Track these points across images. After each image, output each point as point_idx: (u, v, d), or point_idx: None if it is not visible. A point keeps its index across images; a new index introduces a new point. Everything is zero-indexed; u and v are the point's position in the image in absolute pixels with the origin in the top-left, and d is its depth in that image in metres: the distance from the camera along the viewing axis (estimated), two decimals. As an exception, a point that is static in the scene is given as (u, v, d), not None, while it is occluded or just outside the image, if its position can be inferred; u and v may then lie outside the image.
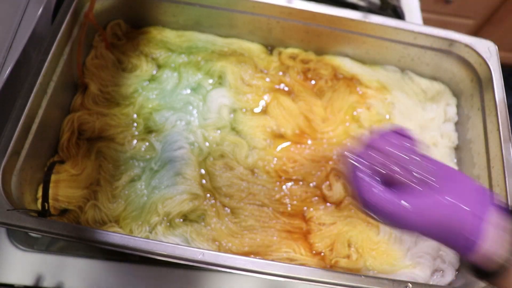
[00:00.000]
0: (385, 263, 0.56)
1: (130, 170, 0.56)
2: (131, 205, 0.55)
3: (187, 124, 0.60)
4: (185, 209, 0.54)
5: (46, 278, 0.52)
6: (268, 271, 0.45)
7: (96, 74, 0.61)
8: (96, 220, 0.54)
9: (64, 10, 0.55)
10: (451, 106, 0.68)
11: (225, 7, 0.63)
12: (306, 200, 0.58)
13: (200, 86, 0.64)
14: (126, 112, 0.60)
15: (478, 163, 0.61)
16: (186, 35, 0.67)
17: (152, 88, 0.62)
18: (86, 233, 0.44)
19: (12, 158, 0.48)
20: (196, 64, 0.65)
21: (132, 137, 0.59)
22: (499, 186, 0.56)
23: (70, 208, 0.53)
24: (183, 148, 0.58)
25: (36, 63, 0.51)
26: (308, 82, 0.67)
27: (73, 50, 0.57)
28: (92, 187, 0.55)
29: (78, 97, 0.59)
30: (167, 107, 0.61)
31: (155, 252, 0.44)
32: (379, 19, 0.62)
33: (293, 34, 0.66)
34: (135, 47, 0.65)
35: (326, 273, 0.45)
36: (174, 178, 0.56)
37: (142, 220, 0.54)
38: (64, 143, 0.56)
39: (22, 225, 0.44)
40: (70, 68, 0.57)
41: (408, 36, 0.63)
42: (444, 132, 0.67)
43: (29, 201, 0.51)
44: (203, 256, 0.44)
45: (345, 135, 0.64)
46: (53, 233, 0.44)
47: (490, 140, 0.59)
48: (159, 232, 0.53)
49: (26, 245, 0.54)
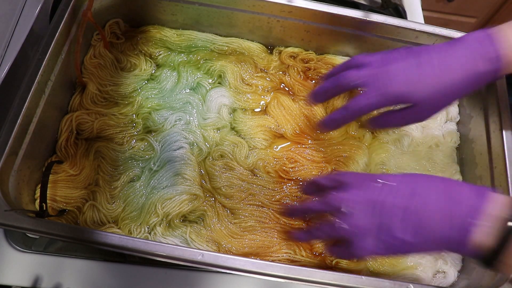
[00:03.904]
0: (386, 264, 0.56)
1: (129, 170, 0.56)
2: (130, 206, 0.54)
3: (186, 124, 0.60)
4: (184, 210, 0.54)
5: (44, 279, 0.52)
6: (268, 272, 0.44)
7: (94, 73, 0.60)
8: (94, 221, 0.53)
9: (62, 9, 0.55)
10: (453, 105, 0.68)
11: (224, 6, 0.63)
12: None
13: (199, 86, 0.63)
14: (125, 111, 0.59)
15: (480, 163, 0.61)
16: (185, 34, 0.66)
17: (151, 87, 0.62)
18: (85, 234, 0.44)
19: (9, 158, 0.47)
20: (196, 63, 0.65)
21: (131, 137, 0.58)
22: (501, 186, 0.56)
23: (68, 209, 0.53)
24: (182, 148, 0.58)
25: (34, 62, 0.50)
26: (309, 82, 0.66)
27: (71, 49, 0.56)
28: (91, 187, 0.55)
29: (76, 97, 0.59)
30: (166, 106, 0.61)
31: (154, 253, 0.44)
32: (381, 18, 0.62)
33: (294, 33, 0.66)
34: (134, 46, 0.64)
35: (326, 274, 0.45)
36: (174, 178, 0.55)
37: (141, 220, 0.53)
38: (62, 143, 0.55)
39: (20, 226, 0.44)
40: (68, 67, 0.57)
41: (410, 35, 0.63)
42: (446, 132, 0.66)
43: (27, 201, 0.51)
44: (202, 257, 0.44)
45: (346, 134, 0.63)
46: (51, 234, 0.44)
47: (492, 140, 0.59)
48: (158, 233, 0.53)
49: (24, 246, 0.53)
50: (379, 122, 0.53)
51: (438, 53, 0.48)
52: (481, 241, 0.38)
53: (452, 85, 0.46)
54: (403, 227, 0.40)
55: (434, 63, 0.47)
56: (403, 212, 0.41)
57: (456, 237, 0.39)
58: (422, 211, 0.40)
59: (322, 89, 0.53)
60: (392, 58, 0.49)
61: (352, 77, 0.49)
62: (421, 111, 0.49)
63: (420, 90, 0.47)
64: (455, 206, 0.39)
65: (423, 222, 0.40)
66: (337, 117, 0.52)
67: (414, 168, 0.63)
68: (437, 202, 0.40)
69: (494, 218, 0.38)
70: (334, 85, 0.51)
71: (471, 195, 0.40)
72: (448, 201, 0.40)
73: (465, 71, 0.46)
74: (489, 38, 0.46)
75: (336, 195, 0.45)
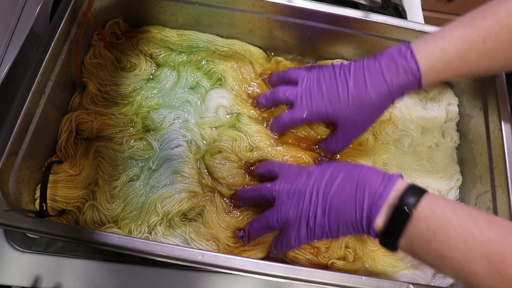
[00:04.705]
0: (385, 265, 0.56)
1: (129, 170, 0.56)
2: (130, 205, 0.54)
3: (184, 122, 0.60)
4: (184, 208, 0.54)
5: (44, 279, 0.52)
6: (268, 272, 0.44)
7: (94, 73, 0.60)
8: (94, 221, 0.53)
9: (62, 8, 0.55)
10: (453, 105, 0.68)
11: (224, 6, 0.63)
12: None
13: (199, 85, 0.63)
14: (124, 111, 0.59)
15: (480, 164, 0.61)
16: (186, 34, 0.66)
17: (150, 87, 0.62)
18: (85, 234, 0.44)
19: (9, 158, 0.47)
20: (196, 63, 0.64)
21: (130, 136, 0.58)
22: (501, 186, 0.56)
23: (68, 209, 0.53)
24: (180, 146, 0.58)
25: (34, 62, 0.50)
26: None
27: (71, 49, 0.56)
28: (91, 187, 0.55)
29: (76, 97, 0.59)
30: (165, 105, 0.61)
31: (154, 253, 0.44)
32: (380, 18, 0.62)
33: (294, 33, 0.66)
34: (134, 46, 0.64)
35: (326, 274, 0.45)
36: (172, 176, 0.55)
37: (141, 220, 0.53)
38: (62, 143, 0.55)
39: (20, 226, 0.43)
40: (68, 67, 0.57)
41: (410, 35, 0.63)
42: (446, 132, 0.66)
43: (27, 201, 0.51)
44: (202, 257, 0.44)
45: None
46: (51, 234, 0.44)
47: (492, 140, 0.59)
48: (159, 233, 0.53)
49: (24, 246, 0.53)
50: (324, 148, 0.60)
51: (358, 70, 0.52)
52: (379, 226, 0.42)
53: (368, 102, 0.51)
54: (323, 212, 0.45)
55: (350, 83, 0.52)
56: (322, 198, 0.45)
57: (364, 222, 0.43)
58: (337, 197, 0.44)
59: (264, 98, 0.61)
60: (321, 78, 0.55)
61: (285, 92, 0.57)
62: (347, 129, 0.55)
63: (340, 109, 0.53)
64: (362, 193, 0.43)
65: (338, 208, 0.44)
66: (273, 125, 0.60)
67: (414, 168, 0.63)
68: (349, 190, 0.44)
69: (387, 204, 0.41)
70: (272, 98, 0.59)
71: (376, 182, 0.43)
72: (357, 188, 0.43)
73: (378, 86, 0.51)
74: (407, 50, 0.50)
75: (266, 185, 0.51)
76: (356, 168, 0.46)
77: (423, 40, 0.50)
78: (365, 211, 0.42)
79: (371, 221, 0.42)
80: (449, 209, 0.39)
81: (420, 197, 0.40)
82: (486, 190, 0.58)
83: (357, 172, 0.45)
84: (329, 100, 0.53)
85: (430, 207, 0.39)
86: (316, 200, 0.45)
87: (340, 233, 0.45)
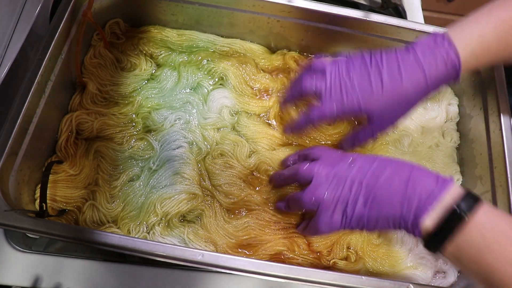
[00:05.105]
0: (386, 265, 0.56)
1: (129, 170, 0.56)
2: (129, 205, 0.54)
3: (186, 123, 0.60)
4: (183, 209, 0.54)
5: (44, 279, 0.52)
6: (268, 272, 0.44)
7: (94, 73, 0.60)
8: (94, 221, 0.53)
9: (62, 8, 0.55)
10: (453, 105, 0.68)
11: (225, 6, 0.63)
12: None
13: (199, 86, 0.63)
14: (124, 111, 0.59)
15: (480, 164, 0.61)
16: (186, 34, 0.66)
17: (151, 87, 0.62)
18: (84, 234, 0.44)
19: (9, 158, 0.47)
20: (197, 63, 0.64)
21: (130, 136, 0.58)
22: (501, 186, 0.56)
23: (68, 209, 0.53)
24: (181, 147, 0.58)
25: (34, 62, 0.50)
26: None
27: (71, 49, 0.56)
28: (90, 187, 0.55)
29: (76, 97, 0.59)
30: (166, 106, 0.61)
31: (154, 253, 0.44)
32: (380, 18, 0.62)
33: (294, 33, 0.66)
34: (134, 46, 0.64)
35: (326, 274, 0.45)
36: (173, 177, 0.55)
37: (140, 220, 0.53)
38: (62, 143, 0.55)
39: (20, 226, 0.44)
40: (68, 67, 0.57)
41: (410, 35, 0.63)
42: (446, 132, 0.66)
43: (27, 201, 0.51)
44: (202, 257, 0.44)
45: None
46: (51, 234, 0.44)
47: (492, 140, 0.59)
48: (157, 233, 0.53)
49: (24, 246, 0.53)
50: (349, 142, 0.56)
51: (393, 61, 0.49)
52: (427, 226, 0.40)
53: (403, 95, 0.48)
54: (364, 202, 0.43)
55: (384, 75, 0.48)
56: (366, 188, 0.44)
57: (410, 219, 0.41)
58: (383, 190, 0.43)
59: (289, 96, 0.57)
60: (351, 68, 0.50)
61: (312, 84, 0.51)
62: (379, 122, 0.51)
63: (373, 102, 0.49)
64: (412, 189, 0.41)
65: (383, 201, 0.43)
66: (301, 123, 0.54)
67: (414, 168, 0.63)
68: (398, 184, 0.42)
69: (442, 205, 0.40)
70: (298, 93, 0.54)
71: (430, 182, 0.41)
72: (408, 183, 0.42)
73: (415, 79, 0.48)
74: (444, 40, 0.47)
75: (306, 165, 0.49)
76: (407, 164, 0.44)
77: (457, 27, 0.48)
78: (414, 207, 0.41)
79: (418, 219, 0.40)
80: (506, 223, 0.38)
81: (476, 204, 0.39)
82: (486, 190, 0.58)
83: (408, 169, 0.43)
84: (361, 92, 0.49)
85: (487, 217, 0.38)
86: (359, 189, 0.44)
87: (378, 226, 0.44)
